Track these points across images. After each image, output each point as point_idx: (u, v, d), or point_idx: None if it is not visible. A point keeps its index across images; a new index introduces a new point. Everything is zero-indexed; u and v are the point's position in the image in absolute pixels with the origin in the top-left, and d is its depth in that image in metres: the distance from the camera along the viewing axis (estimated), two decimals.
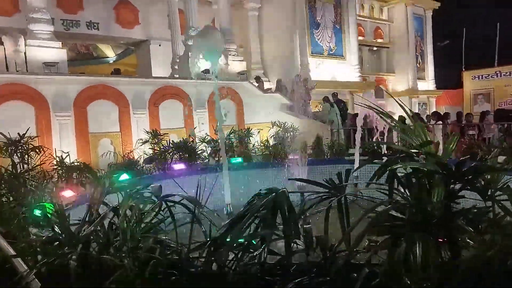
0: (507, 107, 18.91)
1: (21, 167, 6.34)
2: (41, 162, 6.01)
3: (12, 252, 1.97)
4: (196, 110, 10.54)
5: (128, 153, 8.67)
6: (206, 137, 9.05)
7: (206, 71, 11.05)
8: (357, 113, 11.33)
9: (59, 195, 4.04)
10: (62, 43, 9.46)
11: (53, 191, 4.14)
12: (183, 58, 11.71)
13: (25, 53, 8.45)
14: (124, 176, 5.69)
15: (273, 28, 15.60)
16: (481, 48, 25.41)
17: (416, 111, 21.52)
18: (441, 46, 27.26)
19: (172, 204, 1.87)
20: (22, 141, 6.81)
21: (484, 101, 21.93)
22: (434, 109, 23.72)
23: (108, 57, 21.20)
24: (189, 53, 11.37)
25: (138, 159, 8.43)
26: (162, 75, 13.70)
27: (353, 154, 6.79)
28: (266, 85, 14.37)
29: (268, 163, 6.97)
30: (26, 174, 4.40)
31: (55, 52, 8.82)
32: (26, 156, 6.74)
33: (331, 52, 16.59)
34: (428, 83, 23.40)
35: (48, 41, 8.78)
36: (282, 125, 10.83)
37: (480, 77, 21.81)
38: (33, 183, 4.70)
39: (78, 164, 6.97)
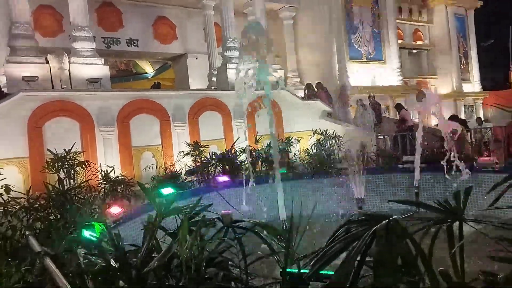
0: None
1: (68, 183, 6.38)
2: (88, 179, 5.99)
3: (64, 282, 1.77)
4: (235, 121, 10.39)
5: (170, 165, 8.62)
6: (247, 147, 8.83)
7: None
8: (405, 119, 10.77)
9: (106, 212, 3.92)
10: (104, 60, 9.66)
11: (101, 208, 4.03)
12: (220, 70, 11.64)
13: (69, 70, 8.65)
14: (169, 190, 5.55)
15: (309, 35, 15.33)
16: None
17: (463, 114, 20.42)
18: (485, 46, 25.84)
19: (243, 232, 1.61)
20: (68, 157, 6.89)
21: None
22: (481, 112, 22.43)
23: (147, 73, 21.72)
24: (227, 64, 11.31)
25: (180, 171, 8.35)
26: (199, 87, 13.75)
27: (408, 162, 6.28)
28: (302, 92, 14.03)
29: (317, 173, 6.57)
30: (72, 191, 4.33)
31: (98, 69, 8.98)
32: (72, 171, 6.80)
33: (370, 56, 16.05)
34: (473, 85, 22.16)
35: (91, 58, 8.96)
36: (324, 133, 10.46)
37: None
38: (80, 199, 4.64)
39: (123, 177, 6.94)
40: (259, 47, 4.17)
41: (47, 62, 8.47)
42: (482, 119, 17.27)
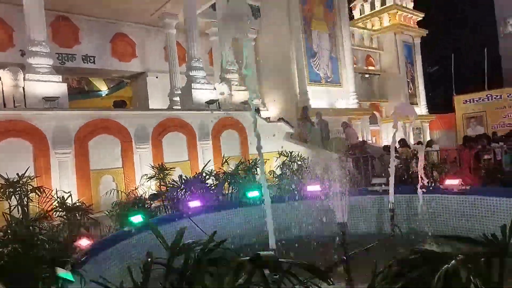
0: (501, 129, 19.05)
1: (21, 210, 5.82)
2: (47, 209, 5.48)
3: None
4: (200, 142, 10.15)
5: (133, 190, 8.16)
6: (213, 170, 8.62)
7: (211, 102, 10.81)
8: (365, 140, 11.10)
9: (75, 245, 3.55)
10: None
11: (67, 240, 3.66)
12: (185, 90, 11.41)
13: (23, 88, 8.03)
14: (138, 218, 5.20)
15: (270, 57, 15.56)
16: (470, 72, 25.94)
17: (412, 136, 21.56)
18: (430, 72, 27.78)
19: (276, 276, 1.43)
20: (21, 182, 6.31)
21: (477, 124, 22.17)
22: (428, 134, 23.85)
23: (100, 91, 20.85)
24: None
25: (143, 195, 7.93)
26: (159, 107, 13.39)
27: (376, 185, 6.40)
28: (264, 114, 14.14)
29: (290, 196, 6.50)
30: (36, 221, 3.89)
31: (56, 86, 8.43)
32: (26, 198, 6.23)
33: (328, 80, 16.57)
34: (420, 108, 23.61)
35: (48, 75, 8.40)
36: (289, 154, 10.51)
37: (471, 100, 22.16)
38: (40, 230, 4.20)
39: (80, 204, 6.45)
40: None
41: None
42: (428, 140, 18.24)
